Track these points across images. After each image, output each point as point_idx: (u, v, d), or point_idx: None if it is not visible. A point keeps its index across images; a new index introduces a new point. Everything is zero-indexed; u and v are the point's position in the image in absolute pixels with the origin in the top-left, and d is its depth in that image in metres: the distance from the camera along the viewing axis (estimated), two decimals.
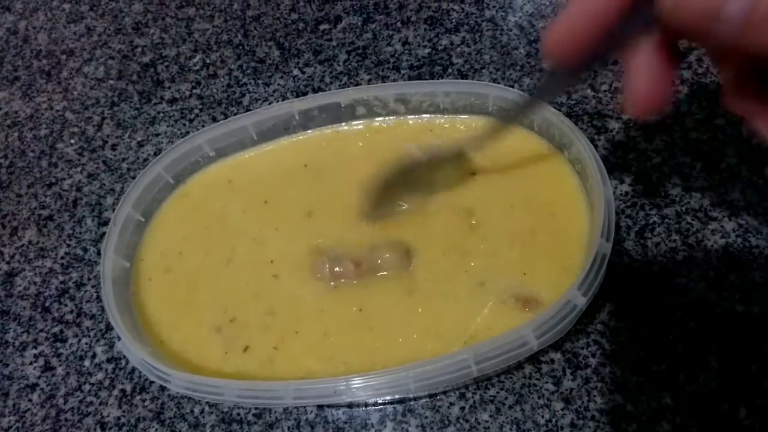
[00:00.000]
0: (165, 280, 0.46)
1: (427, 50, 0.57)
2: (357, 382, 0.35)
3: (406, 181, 0.44)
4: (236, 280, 0.45)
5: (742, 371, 0.38)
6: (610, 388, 0.39)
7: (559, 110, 0.50)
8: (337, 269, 0.43)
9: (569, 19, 0.27)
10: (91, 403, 0.43)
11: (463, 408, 0.40)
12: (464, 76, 0.55)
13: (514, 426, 0.39)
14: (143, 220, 0.47)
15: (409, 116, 0.49)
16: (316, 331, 0.42)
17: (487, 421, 0.39)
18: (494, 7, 0.59)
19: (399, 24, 0.60)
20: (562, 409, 0.39)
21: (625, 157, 0.48)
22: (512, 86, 0.53)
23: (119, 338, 0.40)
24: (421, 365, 0.35)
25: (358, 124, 0.50)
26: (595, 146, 0.48)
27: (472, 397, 0.40)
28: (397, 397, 0.40)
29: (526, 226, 0.43)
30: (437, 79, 0.55)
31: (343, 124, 0.50)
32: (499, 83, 0.54)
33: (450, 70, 0.55)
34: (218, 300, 0.44)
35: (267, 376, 0.41)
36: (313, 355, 0.41)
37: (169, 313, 0.44)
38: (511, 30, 0.57)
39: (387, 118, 0.50)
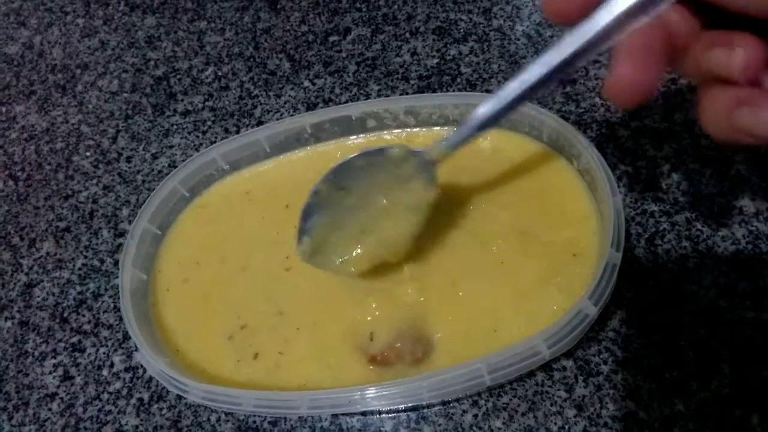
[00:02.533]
0: (182, 289, 0.47)
1: (436, 60, 0.58)
2: (371, 391, 0.36)
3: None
4: (250, 285, 0.46)
5: (754, 377, 0.38)
6: (622, 395, 0.39)
7: (567, 119, 0.50)
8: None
9: None
10: (109, 411, 0.44)
11: (476, 415, 0.40)
12: (473, 86, 0.55)
13: None
14: (159, 233, 0.48)
15: (420, 128, 0.50)
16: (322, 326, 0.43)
17: (500, 429, 0.39)
18: (502, 16, 0.60)
19: (407, 35, 0.61)
20: (575, 416, 0.39)
21: (635, 165, 0.48)
22: None
23: (137, 348, 0.41)
24: (435, 375, 0.35)
25: (369, 136, 0.51)
26: (604, 154, 0.48)
27: (485, 405, 0.40)
28: (410, 404, 0.40)
29: (537, 238, 0.44)
30: (446, 89, 0.56)
31: (354, 136, 0.51)
32: None
33: (458, 80, 0.56)
34: (232, 307, 0.45)
35: (274, 384, 0.41)
36: (314, 357, 0.42)
37: (186, 323, 0.45)
38: (519, 39, 0.58)
39: (397, 130, 0.50)
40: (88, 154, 0.59)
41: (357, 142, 0.51)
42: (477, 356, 0.36)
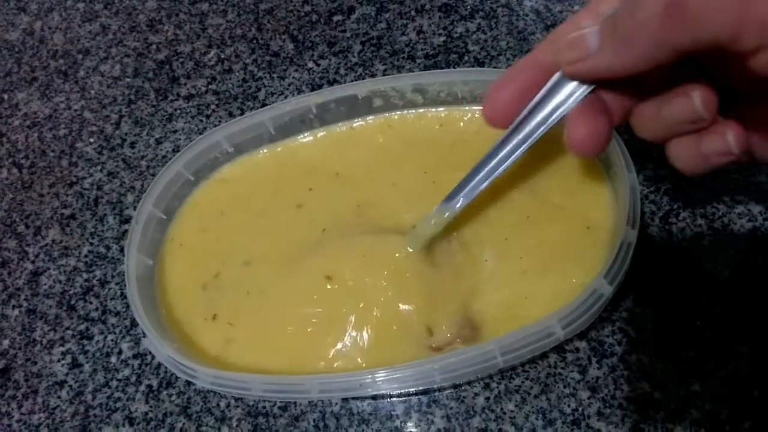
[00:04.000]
0: (186, 275, 0.46)
1: (443, 38, 0.57)
2: (382, 375, 0.35)
3: None
4: (258, 277, 0.45)
5: None
6: (636, 376, 0.38)
7: None
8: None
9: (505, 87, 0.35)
10: (118, 398, 0.44)
11: (488, 398, 0.40)
12: (481, 64, 0.54)
13: (540, 415, 0.38)
14: (165, 217, 0.48)
15: (428, 107, 0.49)
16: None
17: (512, 411, 0.39)
18: None
19: (413, 12, 0.59)
20: (589, 398, 0.38)
21: (647, 141, 0.47)
22: None
23: (144, 335, 0.41)
24: (447, 357, 0.35)
25: (376, 116, 0.50)
26: (617, 130, 0.47)
27: (497, 387, 0.40)
28: (421, 388, 0.40)
29: (549, 216, 0.43)
30: (453, 67, 0.55)
31: (362, 115, 0.50)
32: None
33: (466, 58, 0.55)
34: (225, 292, 0.45)
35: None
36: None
37: (185, 303, 0.45)
38: (527, 15, 0.56)
39: (405, 110, 0.49)
40: (91, 140, 0.58)
41: (363, 123, 0.50)
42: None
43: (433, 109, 0.49)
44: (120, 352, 0.46)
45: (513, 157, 0.36)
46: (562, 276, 0.40)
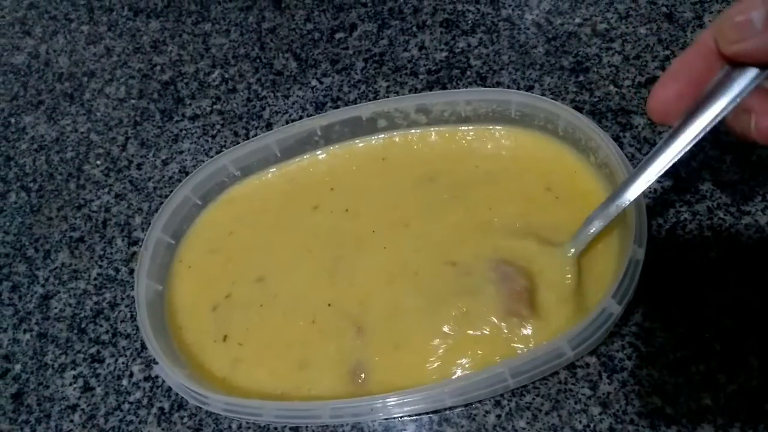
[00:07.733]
0: (196, 299, 0.47)
1: (445, 54, 0.57)
2: (393, 399, 0.35)
3: None
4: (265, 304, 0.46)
5: None
6: (647, 391, 0.38)
7: (581, 110, 0.49)
8: None
9: (667, 83, 0.32)
10: (131, 422, 0.44)
11: (499, 416, 0.40)
12: (483, 79, 0.54)
13: None
14: (173, 242, 0.48)
15: (431, 126, 0.49)
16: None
17: (524, 428, 0.39)
18: (510, 5, 0.59)
19: (415, 28, 0.60)
20: (600, 414, 0.38)
21: None
22: (532, 86, 0.53)
23: (156, 362, 0.41)
24: (457, 381, 0.35)
25: (380, 135, 0.50)
26: (621, 144, 0.47)
27: (508, 405, 0.40)
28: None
29: (550, 240, 0.43)
30: (456, 82, 0.55)
31: (366, 135, 0.50)
32: (518, 83, 0.53)
33: (468, 73, 0.55)
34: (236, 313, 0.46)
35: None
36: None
37: (195, 325, 0.46)
38: (528, 29, 0.56)
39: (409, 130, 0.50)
40: (98, 162, 0.59)
41: (369, 143, 0.50)
42: None
43: (437, 128, 0.49)
44: (131, 375, 0.46)
45: (681, 152, 0.34)
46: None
